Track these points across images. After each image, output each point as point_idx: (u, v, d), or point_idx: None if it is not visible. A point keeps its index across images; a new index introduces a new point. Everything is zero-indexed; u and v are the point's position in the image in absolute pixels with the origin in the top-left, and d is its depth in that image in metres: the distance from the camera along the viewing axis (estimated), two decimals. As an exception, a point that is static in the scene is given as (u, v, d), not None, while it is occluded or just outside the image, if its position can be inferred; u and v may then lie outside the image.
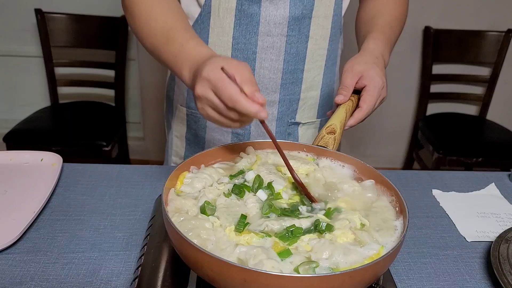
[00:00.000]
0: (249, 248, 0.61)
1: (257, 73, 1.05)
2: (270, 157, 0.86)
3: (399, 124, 2.91)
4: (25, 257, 0.79)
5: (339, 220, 0.69)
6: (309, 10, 1.01)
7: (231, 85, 0.68)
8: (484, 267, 0.83)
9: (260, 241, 0.65)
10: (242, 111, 0.67)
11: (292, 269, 0.59)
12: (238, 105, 0.67)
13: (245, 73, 0.69)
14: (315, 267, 0.60)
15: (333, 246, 0.64)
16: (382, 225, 0.69)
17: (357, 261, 0.62)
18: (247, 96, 0.67)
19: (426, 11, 2.58)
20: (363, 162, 0.83)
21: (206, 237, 0.64)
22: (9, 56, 2.70)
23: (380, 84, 0.91)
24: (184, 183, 0.76)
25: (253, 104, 0.67)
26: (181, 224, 0.65)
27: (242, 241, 0.65)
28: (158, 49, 0.88)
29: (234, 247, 0.62)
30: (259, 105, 0.67)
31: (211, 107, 0.71)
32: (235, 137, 1.14)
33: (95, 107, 2.50)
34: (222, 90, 0.68)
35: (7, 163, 1.05)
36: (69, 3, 2.51)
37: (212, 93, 0.70)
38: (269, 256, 0.60)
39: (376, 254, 0.64)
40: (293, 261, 0.61)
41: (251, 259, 0.59)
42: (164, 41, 0.86)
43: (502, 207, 1.02)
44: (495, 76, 2.59)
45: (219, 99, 0.69)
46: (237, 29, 1.01)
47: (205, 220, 0.67)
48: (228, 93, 0.67)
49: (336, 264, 0.61)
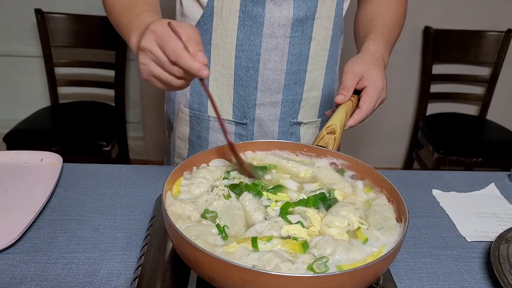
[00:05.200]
0: (260, 254, 0.61)
1: (261, 74, 1.06)
2: (269, 158, 0.86)
3: (399, 124, 2.91)
4: (25, 257, 0.79)
5: (338, 217, 0.70)
6: (313, 11, 1.01)
7: (176, 40, 0.68)
8: (484, 267, 0.83)
9: (266, 245, 0.64)
10: (185, 66, 0.68)
11: (306, 268, 0.60)
12: (181, 59, 0.67)
13: (191, 33, 0.70)
14: (326, 262, 0.60)
15: (336, 242, 0.64)
16: (382, 224, 0.70)
17: (358, 259, 0.63)
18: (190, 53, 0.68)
19: (426, 11, 2.58)
20: (363, 162, 0.83)
21: (213, 243, 0.64)
22: (9, 56, 2.70)
23: (380, 85, 0.91)
24: (181, 191, 0.76)
25: (195, 61, 0.67)
26: (186, 230, 0.65)
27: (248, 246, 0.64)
28: (116, 19, 0.91)
29: (247, 255, 0.61)
30: (201, 63, 0.67)
31: (154, 61, 0.71)
32: (238, 138, 1.14)
33: (95, 107, 2.50)
34: (167, 43, 0.68)
35: (7, 163, 1.05)
36: (69, 3, 2.51)
37: (157, 46, 0.70)
38: (283, 259, 0.60)
39: (378, 252, 0.64)
40: (304, 261, 0.61)
41: (266, 265, 0.59)
42: (123, 12, 0.89)
43: (502, 207, 1.02)
44: (495, 76, 2.59)
45: (163, 52, 0.69)
46: (241, 31, 1.01)
47: (211, 226, 0.67)
48: (173, 46, 0.68)
49: (337, 261, 0.62)
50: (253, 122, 1.12)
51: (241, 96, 1.09)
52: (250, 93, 1.08)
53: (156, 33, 0.70)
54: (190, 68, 0.67)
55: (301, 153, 0.87)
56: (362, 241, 0.67)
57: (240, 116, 1.12)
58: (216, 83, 1.09)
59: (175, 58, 0.68)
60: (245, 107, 1.10)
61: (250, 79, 1.06)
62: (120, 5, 0.91)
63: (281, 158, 0.85)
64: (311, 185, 0.79)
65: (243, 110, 1.11)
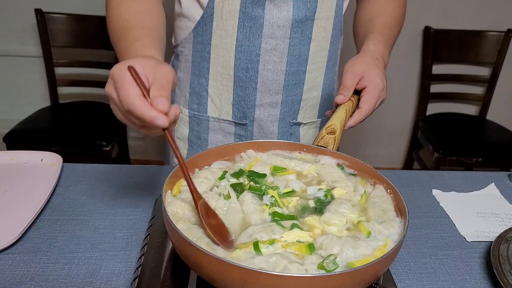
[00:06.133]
0: (266, 257, 0.60)
1: (260, 75, 1.06)
2: (272, 158, 0.86)
3: (399, 124, 2.91)
4: (25, 257, 0.79)
5: (337, 214, 0.70)
6: (312, 12, 1.01)
7: (130, 86, 0.62)
8: (484, 267, 0.83)
9: (269, 248, 0.64)
10: (137, 114, 0.61)
11: (317, 268, 0.60)
12: (133, 107, 0.61)
13: (160, 76, 0.64)
14: (334, 259, 0.61)
15: (341, 240, 0.64)
16: (383, 217, 0.70)
17: (366, 254, 0.63)
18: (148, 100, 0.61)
19: (426, 11, 2.58)
20: (363, 162, 0.83)
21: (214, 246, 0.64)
22: (9, 56, 2.70)
23: (381, 85, 0.91)
24: (181, 190, 0.76)
25: (151, 109, 0.60)
26: (188, 232, 0.64)
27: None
28: (114, 45, 0.89)
29: (252, 258, 0.61)
30: (158, 111, 0.60)
31: (117, 107, 0.66)
32: (237, 139, 1.14)
33: (95, 107, 2.50)
34: (120, 90, 0.63)
35: (7, 163, 1.05)
36: (69, 3, 2.51)
37: (115, 92, 0.64)
38: (291, 261, 0.60)
39: (383, 245, 0.65)
40: (313, 261, 0.61)
41: (275, 268, 0.59)
42: (118, 39, 0.87)
43: (502, 207, 1.02)
44: (495, 76, 2.59)
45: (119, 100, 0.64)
46: (241, 32, 1.01)
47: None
48: (124, 93, 0.62)
49: (347, 259, 0.62)
50: (252, 123, 1.12)
51: (241, 96, 1.09)
52: (249, 94, 1.08)
53: (113, 78, 0.64)
54: (143, 117, 0.60)
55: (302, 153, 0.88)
56: (365, 235, 0.67)
57: (239, 117, 1.12)
58: (215, 84, 1.09)
59: (127, 106, 0.62)
60: (244, 107, 1.10)
61: (250, 80, 1.06)
62: (118, 31, 0.88)
63: (283, 158, 0.85)
64: (313, 187, 0.79)
65: (242, 111, 1.11)
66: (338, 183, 0.79)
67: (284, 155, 0.87)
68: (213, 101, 1.11)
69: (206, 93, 1.11)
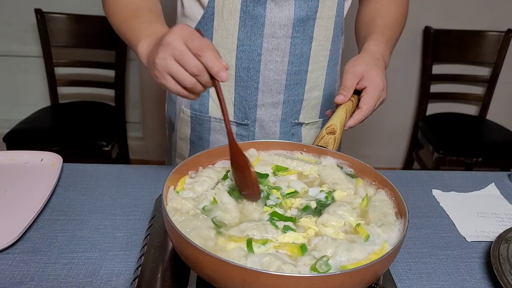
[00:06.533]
0: (259, 257, 0.60)
1: (262, 74, 1.05)
2: (273, 158, 0.86)
3: (399, 124, 2.91)
4: (25, 257, 0.79)
5: (335, 216, 0.70)
6: (314, 11, 1.01)
7: (204, 39, 0.69)
8: (484, 267, 0.83)
9: (261, 248, 0.63)
10: (207, 62, 0.67)
11: (309, 269, 0.60)
12: (206, 53, 0.67)
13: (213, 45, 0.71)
14: (326, 261, 0.60)
15: (336, 242, 0.64)
16: (383, 220, 0.70)
17: (360, 258, 0.62)
18: None
19: (426, 11, 2.58)
20: (363, 162, 0.83)
21: (207, 237, 0.64)
22: (9, 56, 2.70)
23: (381, 85, 0.91)
24: (184, 188, 0.76)
25: (221, 60, 0.68)
26: (182, 223, 0.65)
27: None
28: (121, 23, 0.91)
29: (245, 257, 0.61)
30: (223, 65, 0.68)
31: (174, 55, 0.70)
32: (239, 139, 1.14)
33: (95, 107, 2.50)
34: (195, 40, 0.68)
35: (7, 163, 1.05)
36: (69, 3, 2.51)
37: (182, 41, 0.69)
38: (284, 262, 0.60)
39: (380, 249, 0.64)
40: (306, 263, 0.61)
41: (269, 268, 0.59)
42: (128, 16, 0.90)
43: (502, 207, 1.02)
44: (495, 76, 2.59)
45: (187, 47, 0.69)
46: (242, 31, 1.01)
47: (207, 221, 0.67)
48: (200, 42, 0.68)
49: (340, 262, 0.62)
50: (254, 123, 1.12)
51: (242, 96, 1.09)
52: (251, 94, 1.08)
53: (184, 30, 0.70)
54: (213, 65, 0.67)
55: (303, 154, 0.88)
56: (364, 238, 0.67)
57: (241, 117, 1.12)
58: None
59: (201, 51, 0.67)
60: (246, 108, 1.10)
61: (251, 80, 1.06)
62: (125, 10, 0.91)
63: (285, 158, 0.85)
64: (314, 189, 0.79)
65: (244, 111, 1.11)
66: (339, 185, 0.79)
67: (286, 155, 0.87)
68: (215, 101, 1.11)
69: (207, 93, 1.11)
